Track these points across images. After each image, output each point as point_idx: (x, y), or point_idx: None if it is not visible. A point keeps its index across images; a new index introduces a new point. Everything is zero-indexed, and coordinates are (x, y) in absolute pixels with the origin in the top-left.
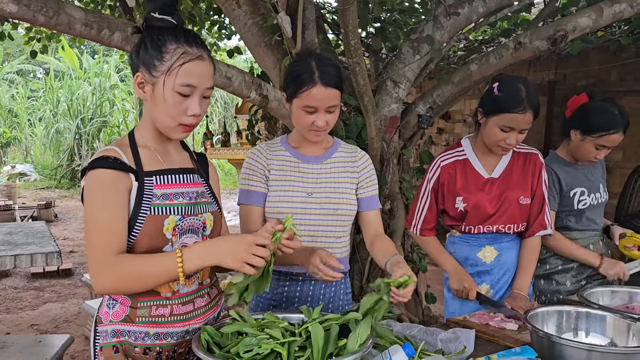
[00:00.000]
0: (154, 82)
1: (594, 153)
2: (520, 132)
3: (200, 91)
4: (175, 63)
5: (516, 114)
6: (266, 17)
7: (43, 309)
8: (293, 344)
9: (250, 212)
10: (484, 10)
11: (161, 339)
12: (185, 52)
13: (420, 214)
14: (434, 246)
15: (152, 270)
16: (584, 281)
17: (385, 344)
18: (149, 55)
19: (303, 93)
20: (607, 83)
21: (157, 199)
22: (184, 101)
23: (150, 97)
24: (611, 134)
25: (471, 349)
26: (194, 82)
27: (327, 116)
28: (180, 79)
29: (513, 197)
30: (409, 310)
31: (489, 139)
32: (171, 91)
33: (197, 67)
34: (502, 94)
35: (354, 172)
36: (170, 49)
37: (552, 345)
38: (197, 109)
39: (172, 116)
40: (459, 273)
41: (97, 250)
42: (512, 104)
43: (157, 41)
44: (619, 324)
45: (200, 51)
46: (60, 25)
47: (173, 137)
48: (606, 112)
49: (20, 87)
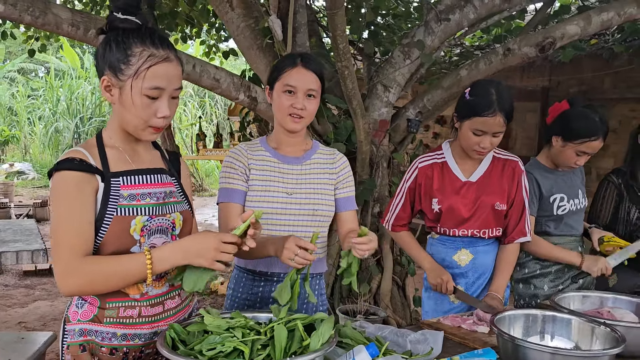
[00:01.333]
0: (121, 85)
1: (575, 159)
2: (493, 136)
3: (168, 93)
4: (142, 66)
5: (487, 117)
6: (259, 20)
7: (32, 306)
8: (256, 342)
9: (230, 210)
10: (474, 17)
11: (128, 339)
12: (151, 54)
13: (394, 210)
14: (407, 241)
15: (120, 271)
16: (561, 285)
17: (354, 344)
18: (115, 58)
19: (284, 73)
20: (600, 90)
21: (124, 199)
22: (152, 103)
23: (118, 100)
24: (592, 141)
25: (438, 350)
26: (162, 84)
27: (306, 101)
28: (148, 82)
29: (489, 202)
30: (396, 313)
31: (464, 143)
32: (139, 94)
33: (164, 69)
34: (473, 98)
35: (332, 174)
36: (136, 51)
37: (516, 348)
38: (166, 111)
39: (142, 118)
40: (436, 268)
41: (63, 252)
42: (482, 107)
43: (122, 44)
44: (584, 327)
45: (167, 52)
46: (47, 25)
47: (143, 138)
48: (587, 118)
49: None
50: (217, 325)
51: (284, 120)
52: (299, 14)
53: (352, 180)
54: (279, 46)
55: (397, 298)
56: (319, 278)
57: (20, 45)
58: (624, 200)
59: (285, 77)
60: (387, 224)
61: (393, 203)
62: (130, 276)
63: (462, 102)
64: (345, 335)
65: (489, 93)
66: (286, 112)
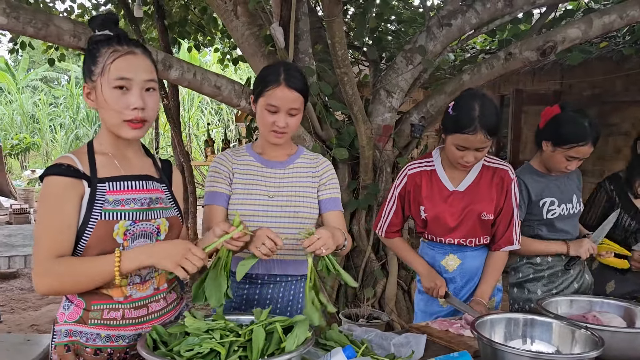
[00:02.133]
0: (94, 86)
1: (565, 164)
2: (477, 150)
3: (137, 84)
4: (107, 61)
5: (468, 135)
6: (263, 27)
7: (45, 309)
8: (234, 343)
9: (213, 212)
10: (476, 22)
11: (112, 341)
12: (114, 50)
13: (387, 217)
14: (401, 246)
15: (88, 270)
16: (555, 290)
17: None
18: (87, 64)
19: (267, 92)
20: (612, 93)
21: (108, 204)
22: (122, 96)
23: (97, 103)
24: (580, 146)
25: (420, 353)
26: (128, 74)
27: (288, 118)
28: (113, 74)
29: (475, 211)
30: (401, 317)
31: (449, 156)
32: (108, 88)
33: (128, 60)
34: (456, 114)
35: (315, 177)
36: (102, 52)
37: (495, 352)
38: (138, 102)
39: (116, 113)
40: (430, 272)
41: (41, 253)
42: (463, 124)
43: (93, 51)
44: (564, 331)
45: (132, 48)
46: (49, 37)
47: (124, 136)
48: (576, 124)
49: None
50: (197, 327)
51: (267, 135)
52: (301, 21)
53: (336, 182)
54: (281, 53)
55: (403, 302)
56: (304, 280)
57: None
58: (614, 206)
59: (269, 95)
60: (380, 231)
61: (385, 209)
62: (99, 276)
63: (446, 116)
64: (330, 338)
65: (471, 109)
66: (269, 128)
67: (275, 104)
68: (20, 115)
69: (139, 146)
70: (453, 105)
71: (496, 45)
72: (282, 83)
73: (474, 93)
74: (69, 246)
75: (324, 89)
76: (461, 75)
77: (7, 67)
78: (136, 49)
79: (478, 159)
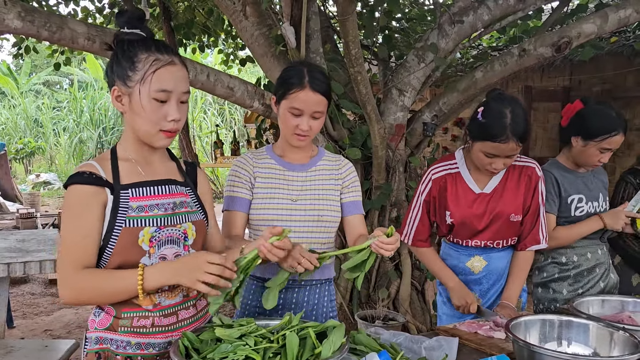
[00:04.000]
0: (130, 92)
1: (598, 157)
2: (507, 157)
3: (176, 95)
4: (149, 70)
5: (499, 143)
6: (272, 27)
7: (58, 314)
8: (268, 350)
9: (233, 218)
10: (489, 18)
11: (142, 349)
12: (156, 59)
13: (412, 225)
14: (431, 259)
15: (112, 286)
16: (581, 289)
17: (368, 351)
18: (122, 67)
19: (291, 95)
20: (622, 89)
21: (132, 211)
22: (161, 107)
23: (129, 108)
24: (612, 136)
25: (453, 357)
26: (169, 87)
27: (311, 121)
28: (155, 85)
29: (504, 214)
30: (416, 318)
31: (476, 162)
32: (148, 98)
33: (169, 72)
34: (486, 121)
35: (338, 179)
36: (141, 58)
37: (532, 354)
38: (176, 114)
39: (152, 122)
40: (461, 289)
41: (64, 264)
42: (495, 133)
43: (128, 52)
44: (602, 333)
45: (172, 57)
46: (63, 40)
47: (156, 145)
48: (604, 115)
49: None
50: (229, 333)
51: (290, 138)
52: (312, 20)
53: (358, 185)
54: (292, 53)
55: (417, 303)
56: (329, 284)
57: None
58: None
59: (292, 98)
60: (407, 239)
61: (410, 216)
62: (121, 292)
63: (474, 122)
64: (360, 342)
65: (502, 117)
66: (292, 131)
67: (299, 107)
68: (24, 120)
69: (163, 151)
70: (482, 111)
71: (504, 42)
72: (306, 86)
73: (503, 97)
74: (93, 256)
75: (335, 88)
76: (474, 73)
77: (10, 72)
78: (175, 59)
79: (507, 165)
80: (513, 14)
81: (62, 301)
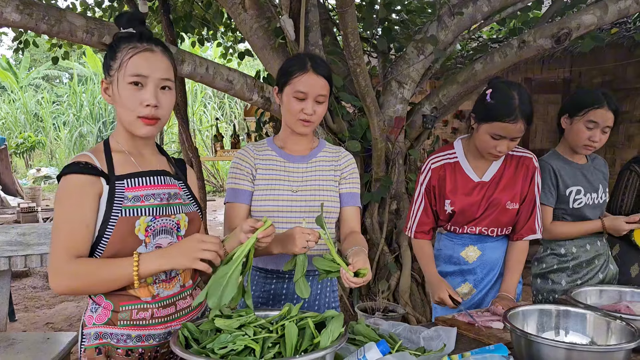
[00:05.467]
0: (111, 81)
1: (587, 134)
2: (512, 140)
3: (153, 81)
4: (125, 57)
5: (507, 124)
6: (271, 20)
7: (59, 307)
8: (267, 340)
9: (236, 210)
10: (488, 10)
11: (143, 340)
12: (133, 47)
13: (415, 216)
14: (424, 252)
15: (107, 273)
16: (579, 280)
17: (367, 341)
18: (106, 59)
19: (295, 79)
20: (622, 80)
21: (128, 201)
22: (137, 93)
23: (113, 99)
24: (596, 109)
25: (451, 346)
26: (144, 71)
27: (315, 105)
28: (130, 70)
29: (500, 201)
30: (416, 310)
31: (481, 145)
32: (124, 84)
33: (145, 58)
34: (494, 102)
35: (337, 170)
36: (121, 48)
37: (529, 343)
38: (151, 99)
39: (129, 109)
40: (433, 284)
41: (57, 252)
42: (504, 112)
43: (113, 47)
44: (599, 322)
45: (151, 45)
46: (62, 33)
47: (137, 133)
48: (588, 91)
49: (46, 92)
50: (228, 324)
51: (294, 124)
52: (311, 12)
53: (356, 177)
54: (291, 46)
55: (417, 295)
56: None
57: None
58: None
59: (296, 82)
60: (409, 232)
61: (413, 209)
62: (118, 279)
63: (482, 104)
64: (359, 332)
65: (511, 97)
66: (296, 117)
67: (303, 90)
68: (24, 114)
69: (153, 144)
70: (491, 93)
71: (504, 34)
72: (309, 69)
73: (509, 82)
74: (87, 245)
75: (335, 81)
76: (473, 65)
77: (9, 66)
78: (155, 47)
79: (510, 149)
80: (512, 5)
81: (55, 290)
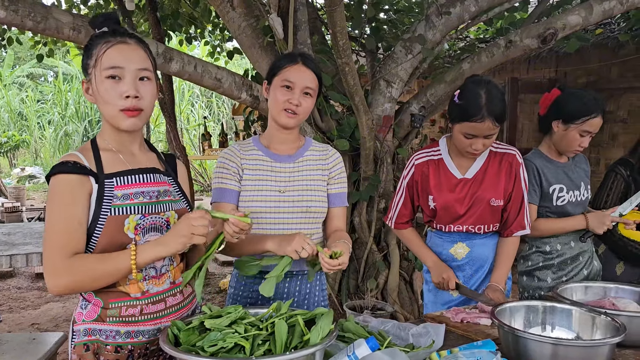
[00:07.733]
0: (90, 79)
1: (579, 141)
2: (485, 138)
3: (130, 72)
4: (99, 52)
5: (476, 123)
6: (260, 19)
7: (45, 308)
8: (257, 337)
9: (222, 210)
10: (476, 10)
11: (132, 337)
12: (107, 41)
13: (396, 208)
14: (411, 238)
15: (105, 266)
16: (565, 277)
17: (356, 338)
18: (84, 60)
19: (284, 70)
20: (607, 80)
21: (117, 199)
22: (116, 85)
23: (94, 97)
24: (592, 118)
25: (440, 343)
26: (119, 63)
27: (302, 97)
28: (105, 63)
29: (484, 198)
30: (404, 308)
31: (458, 145)
32: (101, 79)
33: (119, 50)
34: (462, 102)
35: (325, 170)
36: (96, 44)
37: (517, 339)
38: (131, 90)
39: (110, 103)
40: (439, 266)
41: (53, 252)
42: (471, 113)
43: (89, 46)
44: (585, 318)
45: (124, 38)
46: (48, 30)
47: (122, 127)
48: (584, 98)
49: (30, 91)
50: (218, 323)
51: (279, 115)
52: (300, 11)
53: (344, 177)
54: (280, 44)
55: (405, 293)
56: (320, 274)
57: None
58: (630, 192)
59: (285, 72)
60: (390, 222)
61: (394, 201)
62: (116, 271)
63: (452, 105)
64: (348, 330)
65: (477, 97)
66: (281, 106)
67: (291, 79)
68: (7, 113)
69: (142, 141)
70: (459, 93)
71: (491, 34)
72: (299, 62)
73: (478, 80)
74: (82, 244)
75: (324, 79)
76: (461, 64)
77: None
78: (129, 40)
79: (487, 146)
80: (499, 6)
81: (52, 291)
